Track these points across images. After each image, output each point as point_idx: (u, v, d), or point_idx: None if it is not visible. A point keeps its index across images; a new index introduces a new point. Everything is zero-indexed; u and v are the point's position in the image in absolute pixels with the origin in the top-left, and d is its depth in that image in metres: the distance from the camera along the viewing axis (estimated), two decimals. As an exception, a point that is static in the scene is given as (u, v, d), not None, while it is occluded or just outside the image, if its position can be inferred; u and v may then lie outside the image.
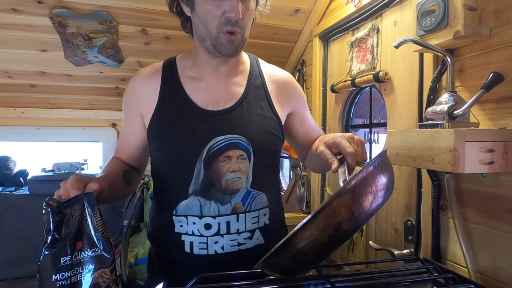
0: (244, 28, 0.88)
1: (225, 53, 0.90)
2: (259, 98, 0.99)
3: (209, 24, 0.86)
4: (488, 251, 0.90)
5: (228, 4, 0.83)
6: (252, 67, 1.02)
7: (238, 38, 0.88)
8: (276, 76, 1.05)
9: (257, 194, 0.95)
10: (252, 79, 1.00)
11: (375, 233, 1.35)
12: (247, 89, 0.98)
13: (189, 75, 0.97)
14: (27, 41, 1.72)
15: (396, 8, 1.26)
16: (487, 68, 0.89)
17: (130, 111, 1.00)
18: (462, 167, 0.75)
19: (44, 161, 2.29)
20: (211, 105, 0.94)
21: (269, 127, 0.97)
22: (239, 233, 0.92)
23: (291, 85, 1.08)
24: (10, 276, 1.87)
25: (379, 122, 1.52)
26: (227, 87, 0.97)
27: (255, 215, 0.94)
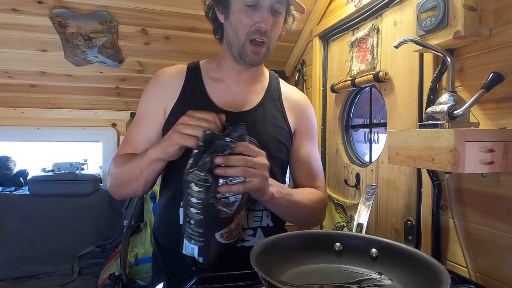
0: (270, 39, 0.94)
1: (249, 62, 0.96)
2: (274, 108, 1.04)
3: (240, 31, 0.92)
4: (488, 251, 0.90)
5: (260, 15, 0.89)
6: (271, 81, 1.09)
7: (263, 51, 0.94)
8: (292, 94, 1.10)
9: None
10: (270, 91, 1.06)
11: (375, 233, 1.35)
12: (264, 98, 1.04)
13: (211, 77, 1.02)
14: (27, 41, 1.72)
15: (396, 8, 1.26)
16: (487, 68, 0.89)
17: (156, 106, 1.00)
18: (462, 167, 0.75)
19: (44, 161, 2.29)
20: (228, 106, 0.98)
21: (280, 136, 1.01)
22: (244, 229, 0.94)
23: (303, 106, 1.11)
24: (10, 276, 1.87)
25: (379, 122, 1.52)
26: (245, 92, 1.02)
27: (258, 215, 0.97)
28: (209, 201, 0.74)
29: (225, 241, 0.79)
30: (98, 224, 2.03)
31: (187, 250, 0.78)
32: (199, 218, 0.75)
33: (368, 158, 1.58)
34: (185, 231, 0.78)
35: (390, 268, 0.77)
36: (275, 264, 0.75)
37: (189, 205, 0.75)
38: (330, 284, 0.75)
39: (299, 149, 1.08)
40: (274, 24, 0.92)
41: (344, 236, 0.86)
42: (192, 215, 0.75)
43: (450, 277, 0.64)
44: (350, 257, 0.81)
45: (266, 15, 0.88)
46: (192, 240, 0.76)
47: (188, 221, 0.76)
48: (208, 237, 0.76)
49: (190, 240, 0.77)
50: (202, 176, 0.74)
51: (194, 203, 0.75)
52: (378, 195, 1.34)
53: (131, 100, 2.28)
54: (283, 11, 0.94)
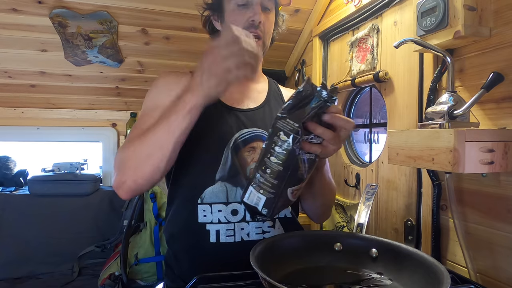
0: (264, 34, 0.98)
1: None
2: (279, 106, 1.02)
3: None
4: (488, 251, 0.90)
5: (252, 11, 0.95)
6: (271, 84, 1.13)
7: (259, 44, 0.96)
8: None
9: None
10: (272, 91, 1.10)
11: (375, 233, 1.35)
12: (268, 96, 1.07)
13: None
14: (27, 41, 1.72)
15: (396, 8, 1.26)
16: (487, 68, 0.89)
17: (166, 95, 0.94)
18: (462, 167, 0.75)
19: (44, 161, 2.29)
20: (236, 104, 1.01)
21: None
22: (263, 221, 0.95)
23: None
24: (10, 276, 1.87)
25: (379, 122, 1.52)
26: (250, 91, 1.06)
27: None
28: (294, 153, 0.71)
29: (293, 199, 0.77)
30: (98, 224, 2.03)
31: (251, 199, 0.75)
32: (278, 169, 0.72)
33: (368, 158, 1.58)
34: (255, 179, 0.75)
35: (390, 268, 0.77)
36: (275, 264, 0.75)
37: (270, 154, 0.72)
38: (330, 284, 0.75)
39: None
40: (265, 19, 0.97)
41: (344, 236, 0.86)
42: (271, 164, 0.72)
43: (450, 277, 0.64)
44: (350, 257, 0.81)
45: (257, 9, 0.95)
46: (261, 190, 0.74)
47: (263, 169, 0.73)
48: (280, 190, 0.73)
49: (259, 190, 0.74)
50: (296, 127, 0.70)
51: (277, 152, 0.71)
52: (378, 195, 1.34)
53: (131, 100, 2.28)
54: (272, 8, 1.00)
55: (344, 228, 1.55)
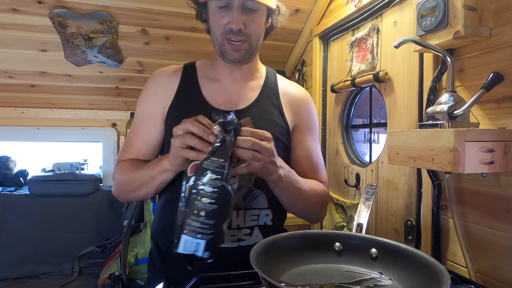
0: (249, 36, 0.94)
1: (231, 59, 0.97)
2: (271, 105, 1.03)
3: (216, 31, 0.95)
4: (488, 251, 0.90)
5: (231, 16, 0.91)
6: (268, 78, 1.08)
7: (243, 47, 0.94)
8: (291, 90, 1.09)
9: (259, 194, 0.96)
10: (267, 88, 1.05)
11: (375, 233, 1.35)
12: (260, 95, 1.03)
13: (207, 76, 1.03)
14: (27, 41, 1.72)
15: (396, 8, 1.26)
16: (487, 68, 0.89)
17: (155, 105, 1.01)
18: (462, 167, 0.75)
19: (44, 161, 2.29)
20: (224, 105, 0.98)
21: (277, 133, 0.99)
22: (240, 228, 0.94)
23: (303, 101, 1.09)
24: (10, 276, 1.87)
25: (379, 122, 1.52)
26: (241, 90, 1.02)
27: (255, 213, 0.96)
28: (226, 188, 0.72)
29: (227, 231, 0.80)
30: (98, 224, 2.03)
31: (188, 248, 0.74)
32: (213, 208, 0.72)
33: (368, 158, 1.58)
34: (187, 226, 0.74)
35: (390, 268, 0.76)
36: (275, 264, 0.75)
37: (201, 195, 0.72)
38: (330, 284, 0.75)
39: (299, 145, 1.07)
40: (249, 21, 0.92)
41: (344, 236, 0.86)
42: (204, 206, 0.72)
43: (450, 277, 0.64)
44: (350, 257, 0.81)
45: (236, 15, 0.90)
46: (199, 235, 0.72)
47: (195, 213, 0.73)
48: (217, 229, 0.74)
49: (195, 235, 0.73)
50: (221, 162, 0.72)
51: (208, 193, 0.72)
52: (378, 195, 1.34)
53: (131, 100, 2.28)
54: (258, 7, 0.93)
55: (344, 228, 1.55)
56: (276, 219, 1.00)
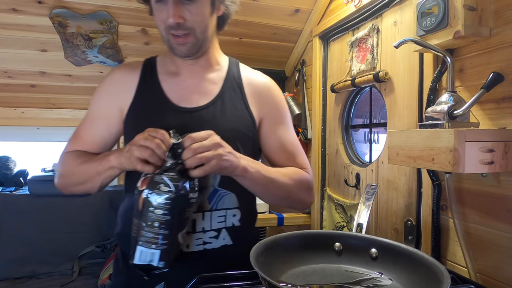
0: (193, 29, 0.88)
1: (179, 54, 0.92)
2: (235, 98, 0.98)
3: (159, 27, 0.91)
4: (488, 251, 0.90)
5: (166, 12, 0.85)
6: (230, 69, 1.02)
7: (188, 40, 0.89)
8: (255, 79, 1.03)
9: (225, 194, 0.92)
10: (229, 79, 0.99)
11: (375, 233, 1.35)
12: (223, 88, 0.97)
13: (167, 71, 0.99)
14: (27, 41, 1.72)
15: (396, 8, 1.26)
16: (487, 68, 0.89)
17: (109, 104, 0.97)
18: (462, 167, 0.75)
19: (44, 161, 2.29)
20: (184, 102, 0.94)
21: (242, 127, 0.95)
22: (205, 231, 0.90)
23: (268, 91, 1.03)
24: (10, 276, 1.87)
25: (379, 122, 1.52)
26: (201, 84, 0.97)
27: (221, 214, 0.92)
28: (179, 199, 0.75)
29: (182, 242, 0.80)
30: (98, 224, 2.03)
31: (144, 258, 0.76)
32: (166, 219, 0.74)
33: (368, 158, 1.58)
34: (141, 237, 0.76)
35: (390, 268, 0.76)
36: (275, 264, 0.75)
37: (154, 207, 0.75)
38: (330, 284, 0.75)
39: (272, 137, 1.01)
40: (188, 13, 0.86)
41: (344, 236, 0.86)
42: (157, 217, 0.74)
43: (450, 277, 0.64)
44: (350, 257, 0.81)
45: (171, 10, 0.84)
46: (153, 245, 0.75)
47: (149, 224, 0.75)
48: (172, 239, 0.76)
49: (150, 246, 0.75)
50: (172, 176, 0.75)
51: (161, 204, 0.74)
52: (378, 195, 1.34)
53: (131, 100, 2.27)
54: None
55: (344, 228, 1.55)
56: (244, 219, 0.96)
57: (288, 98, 1.97)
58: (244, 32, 1.86)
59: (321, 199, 1.75)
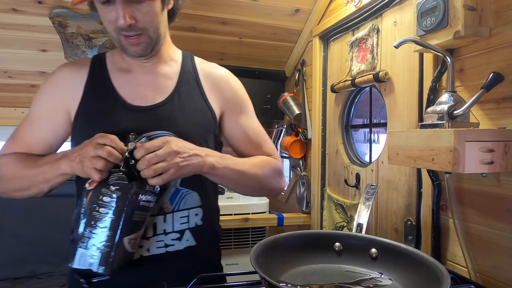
0: (145, 29, 0.84)
1: (133, 55, 0.88)
2: (192, 91, 0.95)
3: (108, 28, 0.85)
4: (488, 251, 0.90)
5: (115, 13, 0.80)
6: (185, 63, 0.98)
7: (141, 40, 0.84)
8: (211, 72, 1.00)
9: (188, 193, 0.90)
10: (184, 73, 0.96)
11: (375, 233, 1.35)
12: (178, 83, 0.94)
13: (118, 67, 0.93)
14: (27, 41, 1.72)
15: (396, 8, 1.26)
16: (487, 68, 0.89)
17: (53, 104, 0.91)
18: (462, 167, 0.75)
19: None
20: (139, 99, 0.89)
21: (202, 122, 0.93)
22: (166, 233, 0.87)
23: (226, 82, 1.01)
24: (10, 276, 1.87)
25: (379, 122, 1.52)
26: (156, 80, 0.93)
27: (184, 215, 0.89)
28: (126, 200, 0.72)
29: (131, 249, 0.75)
30: (98, 224, 2.03)
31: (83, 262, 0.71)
32: (111, 219, 0.71)
33: (368, 158, 1.58)
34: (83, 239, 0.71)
35: (390, 268, 0.77)
36: (275, 264, 0.75)
37: (98, 206, 0.72)
38: (330, 284, 0.75)
39: (235, 128, 1.00)
40: (139, 14, 0.81)
41: (344, 236, 0.86)
42: (100, 215, 0.71)
43: (450, 277, 0.64)
44: (350, 257, 0.81)
45: (121, 11, 0.79)
46: (94, 247, 0.71)
47: (92, 224, 0.71)
48: (115, 242, 0.72)
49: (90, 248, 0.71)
50: (121, 175, 0.73)
51: (106, 202, 0.71)
52: (378, 195, 1.34)
53: (131, 100, 2.27)
54: None
55: (344, 228, 1.55)
56: (207, 217, 0.93)
57: (288, 98, 1.97)
58: (244, 32, 1.86)
59: (321, 199, 1.75)
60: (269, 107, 2.13)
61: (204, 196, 0.93)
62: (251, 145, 1.01)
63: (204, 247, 0.93)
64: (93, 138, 0.76)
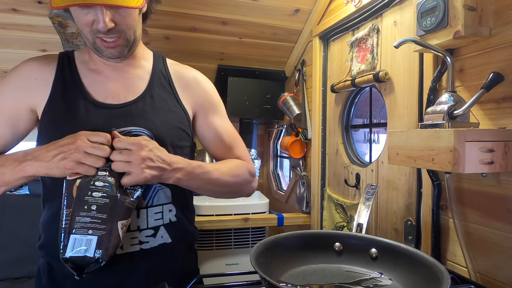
0: (123, 32, 0.83)
1: (109, 57, 0.87)
2: (164, 92, 0.94)
3: (83, 30, 0.83)
4: (488, 251, 0.90)
5: (95, 14, 0.78)
6: (156, 64, 0.98)
7: (118, 43, 0.83)
8: (183, 73, 1.01)
9: (160, 188, 0.89)
10: (156, 74, 0.96)
11: (375, 233, 1.35)
12: (150, 84, 0.93)
13: (88, 67, 0.92)
14: (27, 41, 1.72)
15: (396, 8, 1.26)
16: (487, 68, 0.89)
17: (16, 102, 0.87)
18: (462, 167, 0.75)
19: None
20: (111, 98, 0.88)
21: (175, 121, 0.92)
22: (140, 230, 0.85)
23: (198, 83, 1.01)
24: (10, 276, 1.87)
25: (379, 122, 1.52)
26: (128, 80, 0.92)
27: (158, 211, 0.88)
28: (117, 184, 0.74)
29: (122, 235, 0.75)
30: (98, 224, 2.03)
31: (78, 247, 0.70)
32: (105, 202, 0.72)
33: (368, 158, 1.58)
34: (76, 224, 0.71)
35: (390, 268, 0.77)
36: (275, 264, 0.75)
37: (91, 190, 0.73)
38: (330, 284, 0.75)
39: (208, 129, 1.01)
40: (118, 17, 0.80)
41: (344, 236, 0.86)
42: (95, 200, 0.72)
43: (450, 277, 0.64)
44: (350, 257, 0.81)
45: (101, 16, 0.77)
46: (90, 230, 0.70)
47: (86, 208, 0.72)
48: (111, 225, 0.72)
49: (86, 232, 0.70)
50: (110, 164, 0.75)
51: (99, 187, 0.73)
52: (378, 195, 1.34)
53: (131, 100, 2.27)
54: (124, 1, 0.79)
55: (344, 228, 1.55)
56: (180, 214, 0.93)
57: (288, 98, 1.97)
58: (244, 32, 1.86)
59: (321, 199, 1.75)
60: (269, 107, 2.13)
61: (176, 192, 0.92)
62: (223, 147, 1.02)
63: (179, 245, 0.92)
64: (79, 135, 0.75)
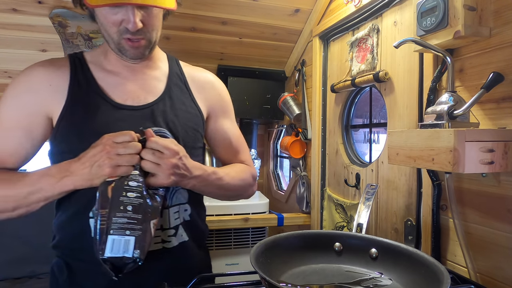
0: (149, 33, 0.84)
1: (131, 57, 0.87)
2: (181, 94, 0.96)
3: (109, 30, 0.83)
4: (488, 251, 0.90)
5: (125, 14, 0.78)
6: (171, 66, 0.99)
7: (142, 44, 0.84)
8: (197, 75, 1.02)
9: (177, 189, 0.90)
10: (173, 76, 0.97)
11: (375, 233, 1.35)
12: (168, 85, 0.94)
13: (103, 68, 0.90)
14: (27, 41, 1.72)
15: (396, 8, 1.26)
16: (487, 68, 0.89)
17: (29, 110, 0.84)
18: (462, 167, 0.75)
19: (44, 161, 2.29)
20: (131, 100, 0.88)
21: (192, 123, 0.94)
22: (163, 229, 0.87)
23: (210, 84, 1.03)
24: (10, 276, 1.87)
25: (379, 122, 1.52)
26: (146, 81, 0.92)
27: (176, 210, 0.90)
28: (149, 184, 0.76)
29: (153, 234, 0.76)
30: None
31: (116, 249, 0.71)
32: (139, 202, 0.73)
33: (368, 158, 1.58)
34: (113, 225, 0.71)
35: (390, 268, 0.77)
36: (275, 264, 0.75)
37: (126, 191, 0.73)
38: (330, 284, 0.75)
39: (218, 131, 1.03)
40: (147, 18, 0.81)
41: (344, 236, 0.86)
42: (130, 200, 0.73)
43: (450, 277, 0.64)
44: (350, 257, 0.81)
45: (131, 15, 0.77)
46: (127, 231, 0.71)
47: (121, 209, 0.72)
48: (146, 225, 0.73)
49: (124, 232, 0.71)
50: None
51: (133, 187, 0.74)
52: (378, 195, 1.34)
53: (131, 100, 2.27)
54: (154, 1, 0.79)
55: (344, 228, 1.55)
56: (194, 214, 0.94)
57: (288, 98, 1.97)
58: (244, 32, 1.86)
59: (321, 199, 1.75)
60: (269, 107, 2.13)
61: (192, 192, 0.93)
62: (230, 150, 1.05)
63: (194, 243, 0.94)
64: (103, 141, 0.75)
